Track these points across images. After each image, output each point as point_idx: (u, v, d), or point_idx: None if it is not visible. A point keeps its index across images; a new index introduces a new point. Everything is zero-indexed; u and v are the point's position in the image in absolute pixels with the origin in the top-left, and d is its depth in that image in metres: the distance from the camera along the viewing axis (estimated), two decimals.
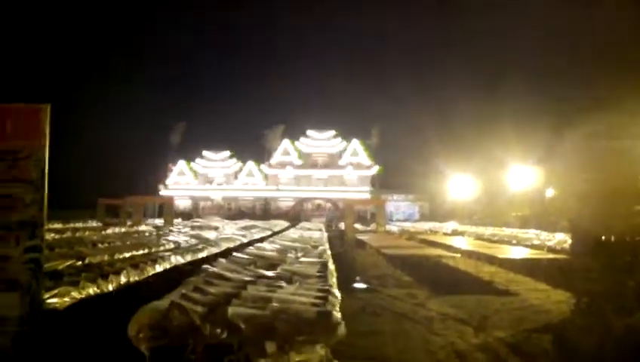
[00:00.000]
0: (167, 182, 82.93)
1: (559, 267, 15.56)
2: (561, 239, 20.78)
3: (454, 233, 37.54)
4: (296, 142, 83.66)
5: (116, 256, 13.14)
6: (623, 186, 10.20)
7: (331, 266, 10.36)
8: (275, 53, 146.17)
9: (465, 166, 63.46)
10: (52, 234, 21.40)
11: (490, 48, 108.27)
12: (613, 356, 7.74)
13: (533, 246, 21.35)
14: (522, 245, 22.72)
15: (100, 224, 39.49)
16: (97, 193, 50.10)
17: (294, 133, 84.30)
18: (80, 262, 11.31)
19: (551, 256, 17.21)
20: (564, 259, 15.50)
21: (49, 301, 7.05)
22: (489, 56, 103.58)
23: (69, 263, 10.90)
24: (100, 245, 16.41)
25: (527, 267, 17.06)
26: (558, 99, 47.05)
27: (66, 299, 7.31)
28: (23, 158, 6.68)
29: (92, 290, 8.11)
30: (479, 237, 30.08)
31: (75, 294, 7.58)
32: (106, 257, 12.77)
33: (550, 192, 42.45)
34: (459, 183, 63.96)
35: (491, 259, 17.80)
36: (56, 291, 7.27)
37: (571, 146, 12.03)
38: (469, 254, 19.64)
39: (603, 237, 10.09)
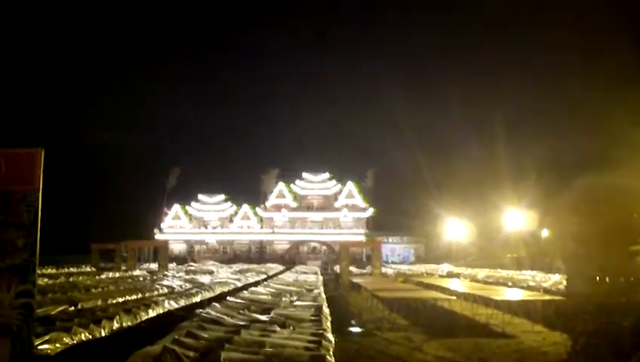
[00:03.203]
0: (162, 225, 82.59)
1: (555, 308, 15.48)
2: (557, 280, 20.74)
3: (450, 275, 37.38)
4: (291, 185, 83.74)
5: (109, 301, 13.10)
6: (617, 227, 10.24)
7: (326, 310, 10.31)
8: (270, 96, 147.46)
9: (460, 208, 63.54)
10: (45, 279, 21.31)
11: (487, 94, 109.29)
12: None
13: (528, 288, 21.28)
14: (518, 286, 22.64)
15: (93, 269, 39.36)
16: (91, 238, 49.88)
17: (289, 176, 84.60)
18: (73, 308, 11.29)
19: (547, 297, 17.12)
20: (560, 300, 15.44)
21: (40, 347, 6.98)
22: (485, 100, 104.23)
23: (61, 308, 10.87)
24: (93, 290, 16.36)
25: (523, 308, 16.93)
26: (553, 147, 47.40)
27: (58, 345, 7.23)
28: (15, 202, 6.69)
29: (84, 336, 8.04)
30: (474, 279, 29.97)
31: (67, 340, 7.51)
32: (99, 302, 12.74)
33: (545, 233, 42.46)
34: (454, 225, 63.90)
35: (487, 301, 17.68)
36: (47, 337, 7.20)
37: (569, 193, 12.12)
38: (464, 296, 19.51)
39: (598, 278, 10.11)
